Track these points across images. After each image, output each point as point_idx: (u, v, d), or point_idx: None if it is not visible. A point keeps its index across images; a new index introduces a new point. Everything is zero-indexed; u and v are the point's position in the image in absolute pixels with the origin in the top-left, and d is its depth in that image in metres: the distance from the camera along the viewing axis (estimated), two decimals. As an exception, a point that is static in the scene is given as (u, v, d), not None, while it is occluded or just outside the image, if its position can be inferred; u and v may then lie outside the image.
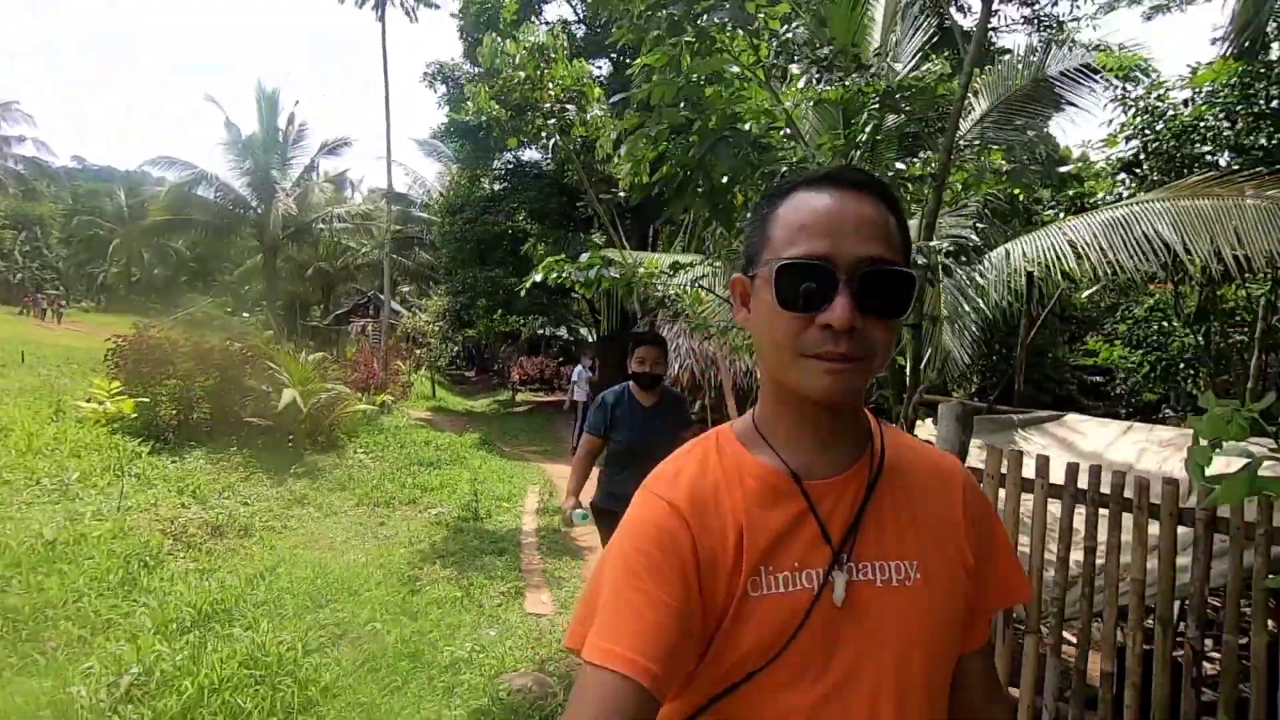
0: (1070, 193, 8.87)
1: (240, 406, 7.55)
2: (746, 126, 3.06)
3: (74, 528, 3.87)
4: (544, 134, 6.43)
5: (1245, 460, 1.21)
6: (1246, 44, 7.12)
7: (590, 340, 20.73)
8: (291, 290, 31.47)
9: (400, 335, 18.03)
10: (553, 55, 5.55)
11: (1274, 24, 7.12)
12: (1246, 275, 6.02)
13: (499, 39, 6.28)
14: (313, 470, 7.04)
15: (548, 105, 5.75)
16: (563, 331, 22.03)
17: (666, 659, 0.62)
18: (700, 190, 2.75)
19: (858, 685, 0.68)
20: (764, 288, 0.69)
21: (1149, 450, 3.28)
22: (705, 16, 2.58)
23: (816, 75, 3.61)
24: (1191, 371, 10.21)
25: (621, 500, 3.06)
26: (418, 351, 19.12)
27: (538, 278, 3.16)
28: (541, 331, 21.20)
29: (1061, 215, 7.89)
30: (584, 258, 3.05)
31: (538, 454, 10.56)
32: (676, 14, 2.55)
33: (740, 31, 2.85)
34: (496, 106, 6.20)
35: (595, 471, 3.19)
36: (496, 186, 17.13)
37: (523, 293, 3.68)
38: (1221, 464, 1.29)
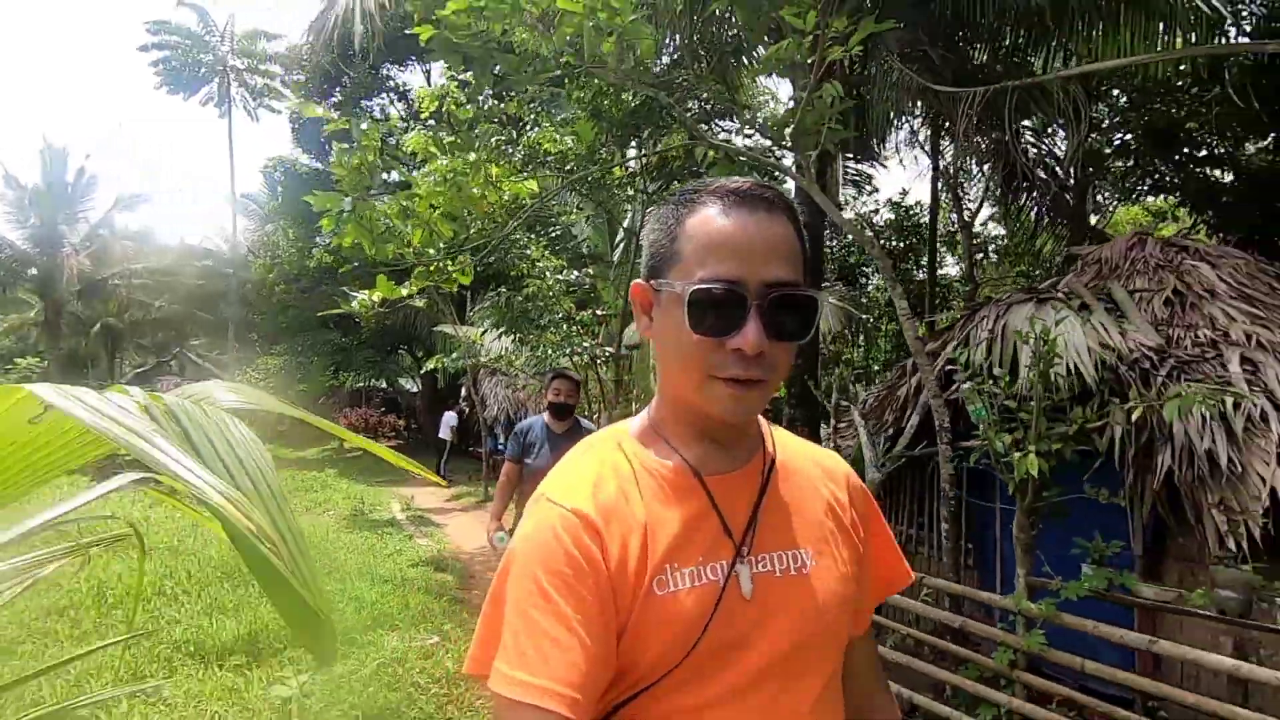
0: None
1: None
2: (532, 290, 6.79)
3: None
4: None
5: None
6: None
7: (414, 390, 23.21)
8: (72, 347, 29.63)
9: (231, 392, 19.24)
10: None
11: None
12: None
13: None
14: (220, 495, 9.42)
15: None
16: (383, 384, 24.22)
17: (588, 684, 0.62)
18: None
19: (766, 672, 0.70)
20: (673, 306, 0.70)
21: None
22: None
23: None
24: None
25: None
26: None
27: (430, 365, 6.56)
28: (360, 385, 23.20)
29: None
30: (455, 354, 6.52)
31: (384, 483, 13.29)
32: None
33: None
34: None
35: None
36: (329, 258, 19.35)
37: (423, 370, 7.05)
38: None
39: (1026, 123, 11.10)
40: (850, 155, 11.88)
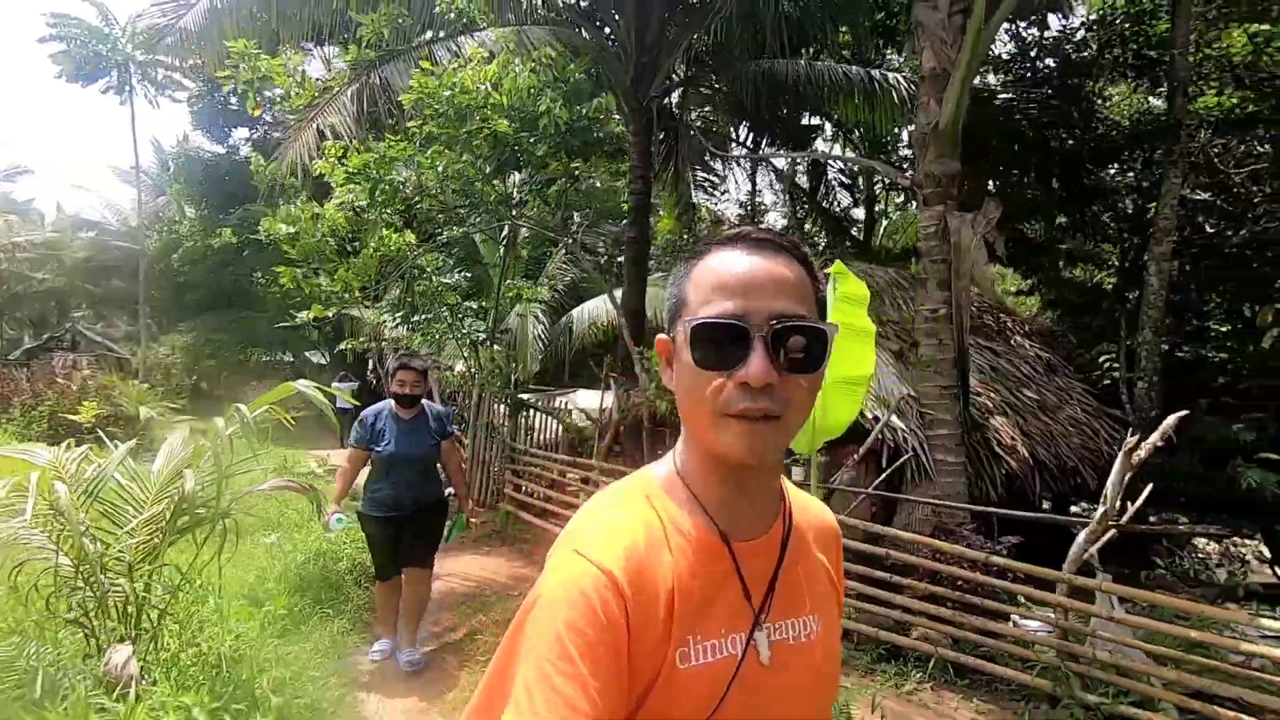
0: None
1: (90, 420, 11.13)
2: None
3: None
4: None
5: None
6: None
7: (322, 363, 24.44)
8: (-61, 325, 28.45)
9: (139, 369, 19.91)
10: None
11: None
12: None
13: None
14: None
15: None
16: (289, 357, 25.27)
17: None
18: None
19: None
20: (682, 348, 0.72)
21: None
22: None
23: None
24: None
25: (382, 506, 3.50)
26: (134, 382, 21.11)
27: (342, 346, 8.50)
28: (267, 359, 24.22)
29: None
30: (362, 337, 8.48)
31: (297, 447, 14.97)
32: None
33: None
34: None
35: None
36: (233, 238, 20.13)
37: (335, 351, 8.95)
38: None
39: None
40: (697, 167, 14.42)
